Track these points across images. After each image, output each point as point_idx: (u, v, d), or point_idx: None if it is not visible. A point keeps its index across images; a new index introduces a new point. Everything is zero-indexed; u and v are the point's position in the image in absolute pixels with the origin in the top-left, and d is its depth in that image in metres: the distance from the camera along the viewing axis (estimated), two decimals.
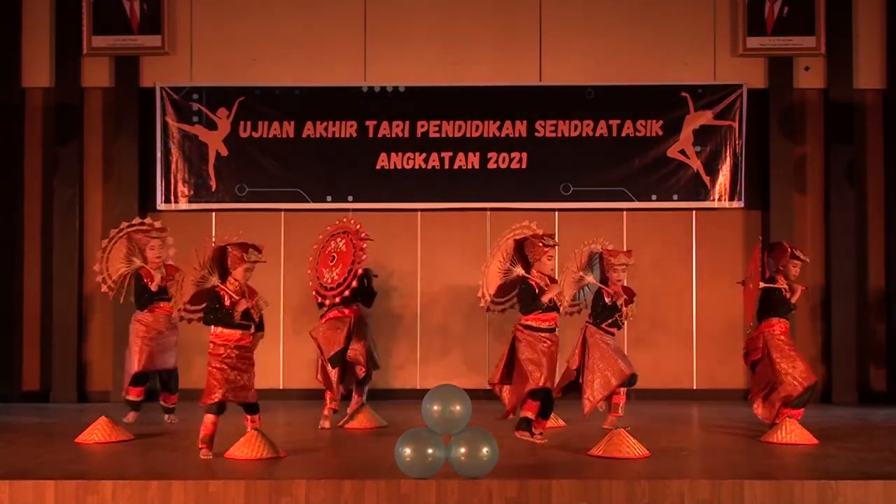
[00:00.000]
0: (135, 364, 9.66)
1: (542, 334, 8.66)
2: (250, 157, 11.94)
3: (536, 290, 8.61)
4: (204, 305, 7.86)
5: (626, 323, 9.45)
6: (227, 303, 7.79)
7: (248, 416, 8.09)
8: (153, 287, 9.67)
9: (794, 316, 9.59)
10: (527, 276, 8.72)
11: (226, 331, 7.82)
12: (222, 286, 7.86)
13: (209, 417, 7.78)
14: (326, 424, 9.48)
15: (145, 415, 9.91)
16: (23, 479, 6.70)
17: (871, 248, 12.02)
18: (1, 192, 11.91)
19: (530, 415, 8.61)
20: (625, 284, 9.47)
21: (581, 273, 9.20)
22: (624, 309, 9.20)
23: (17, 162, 11.95)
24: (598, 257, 9.34)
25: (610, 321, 9.17)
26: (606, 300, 9.14)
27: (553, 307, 8.71)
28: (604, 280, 9.30)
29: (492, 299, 9.04)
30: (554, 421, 9.53)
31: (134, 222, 9.99)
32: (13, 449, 8.22)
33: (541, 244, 8.64)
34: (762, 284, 9.15)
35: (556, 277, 9.10)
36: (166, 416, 9.95)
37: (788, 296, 9.16)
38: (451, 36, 12.04)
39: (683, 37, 12.04)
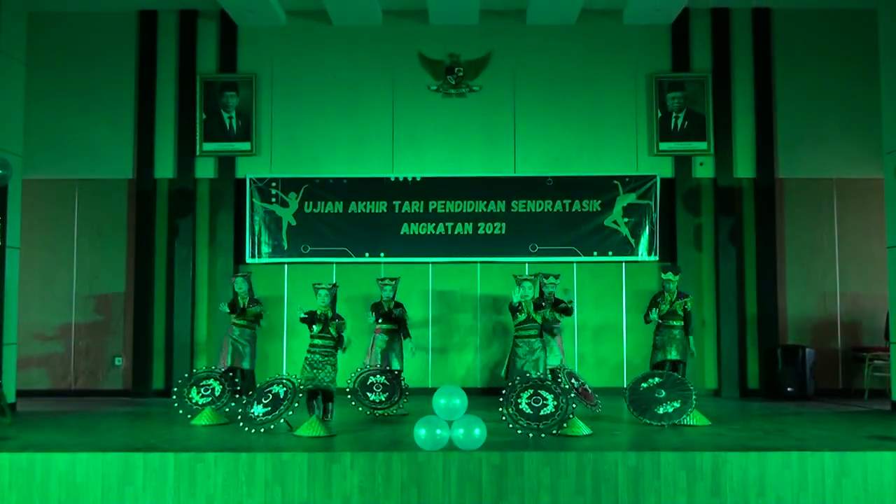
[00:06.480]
0: None
1: None
2: (312, 226, 11.99)
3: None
4: None
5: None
6: None
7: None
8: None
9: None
10: None
11: None
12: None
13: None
14: None
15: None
16: (152, 451, 6.76)
17: (747, 288, 11.98)
18: (139, 251, 11.96)
19: None
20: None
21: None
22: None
23: (150, 230, 12.02)
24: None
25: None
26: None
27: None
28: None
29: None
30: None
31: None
32: (146, 430, 8.26)
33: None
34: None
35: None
36: None
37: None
38: (453, 141, 12.12)
39: (615, 141, 12.09)
